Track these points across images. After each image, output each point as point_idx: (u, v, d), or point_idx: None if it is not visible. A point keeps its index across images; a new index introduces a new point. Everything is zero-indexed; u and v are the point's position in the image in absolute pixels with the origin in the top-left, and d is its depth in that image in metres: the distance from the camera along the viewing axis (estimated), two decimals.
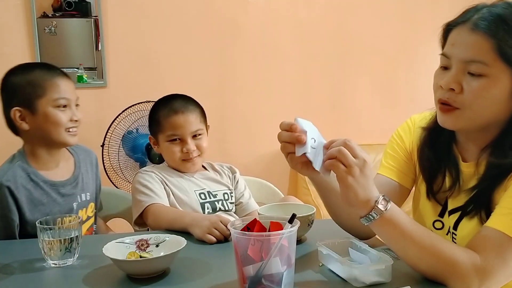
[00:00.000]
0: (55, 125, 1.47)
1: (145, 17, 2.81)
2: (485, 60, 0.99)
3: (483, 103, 1.01)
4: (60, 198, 1.50)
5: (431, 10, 3.13)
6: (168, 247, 1.13)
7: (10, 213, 1.40)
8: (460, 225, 1.13)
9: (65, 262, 1.16)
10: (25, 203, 1.43)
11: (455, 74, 1.02)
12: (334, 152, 0.95)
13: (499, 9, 1.01)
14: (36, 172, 1.47)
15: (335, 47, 3.10)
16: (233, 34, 2.95)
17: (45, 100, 1.46)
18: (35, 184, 1.46)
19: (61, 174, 1.55)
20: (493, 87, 1.00)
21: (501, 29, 0.98)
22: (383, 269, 1.01)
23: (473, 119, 1.04)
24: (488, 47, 0.98)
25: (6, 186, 1.39)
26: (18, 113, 1.46)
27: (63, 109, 1.48)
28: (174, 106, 1.67)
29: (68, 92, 1.50)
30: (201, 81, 2.89)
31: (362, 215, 0.98)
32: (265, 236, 0.92)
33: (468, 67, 1.01)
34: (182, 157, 1.66)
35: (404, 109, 3.21)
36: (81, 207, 1.58)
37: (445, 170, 1.16)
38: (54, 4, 2.67)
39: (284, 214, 1.16)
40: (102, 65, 2.77)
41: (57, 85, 1.48)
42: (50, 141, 1.49)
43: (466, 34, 1.01)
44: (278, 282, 0.93)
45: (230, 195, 1.70)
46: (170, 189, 1.61)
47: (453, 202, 1.15)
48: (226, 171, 1.79)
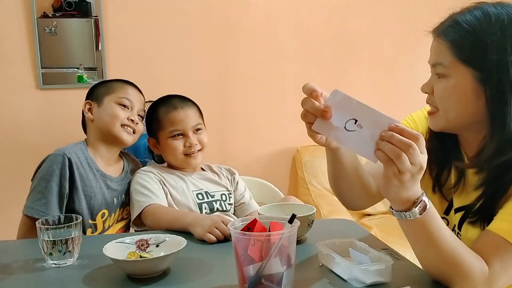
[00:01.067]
0: (113, 117, 1.61)
1: (145, 17, 2.81)
2: (443, 62, 1.06)
3: (449, 102, 1.07)
4: (106, 189, 1.61)
5: (431, 10, 3.12)
6: (168, 247, 1.14)
7: (65, 182, 1.52)
8: (464, 226, 1.14)
9: (65, 262, 1.16)
10: (79, 178, 1.54)
11: (429, 79, 1.12)
12: (390, 153, 0.87)
13: (459, 15, 1.07)
14: (92, 160, 1.61)
15: (335, 47, 3.10)
16: (233, 34, 2.95)
17: (112, 97, 1.64)
18: (90, 168, 1.59)
19: (112, 171, 1.65)
20: (455, 86, 1.05)
21: (456, 33, 1.05)
22: (383, 269, 1.01)
23: (448, 119, 1.08)
24: (446, 50, 1.06)
25: (68, 158, 1.52)
26: (88, 105, 1.67)
27: (122, 108, 1.63)
28: (172, 103, 1.70)
29: (133, 96, 1.66)
30: (201, 81, 2.89)
31: (395, 209, 0.95)
32: (265, 236, 0.92)
33: (436, 70, 1.09)
34: (185, 152, 1.66)
35: (404, 109, 3.18)
36: (120, 206, 1.65)
37: (451, 166, 1.17)
38: (54, 4, 2.67)
39: (284, 214, 1.16)
40: (102, 65, 2.76)
41: (125, 88, 1.67)
42: (106, 133, 1.62)
43: (433, 42, 1.11)
44: (278, 282, 0.93)
45: (228, 196, 1.70)
46: (168, 189, 1.62)
47: (458, 200, 1.16)
48: (224, 172, 1.79)
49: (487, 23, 1.02)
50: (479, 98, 1.03)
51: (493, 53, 1.00)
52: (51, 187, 1.50)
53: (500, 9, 1.03)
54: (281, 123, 3.05)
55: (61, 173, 1.51)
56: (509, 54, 1.00)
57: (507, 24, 1.01)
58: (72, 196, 1.54)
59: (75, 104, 1.63)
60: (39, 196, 1.50)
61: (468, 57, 1.03)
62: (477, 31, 1.02)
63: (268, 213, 1.29)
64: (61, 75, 2.75)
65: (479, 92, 1.03)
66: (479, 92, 1.03)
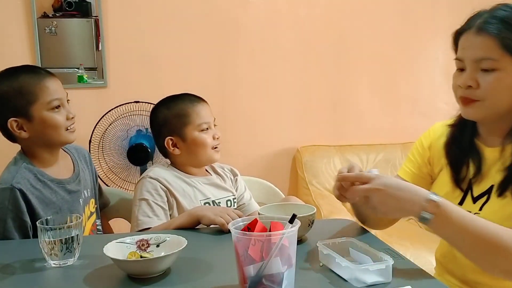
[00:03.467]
0: (55, 127, 1.46)
1: (145, 17, 2.81)
2: (493, 56, 1.13)
3: (499, 93, 1.15)
4: (67, 196, 1.51)
5: (431, 10, 3.13)
6: (168, 247, 1.13)
7: (23, 215, 1.40)
8: (486, 206, 1.21)
9: (66, 262, 1.16)
10: (37, 203, 1.42)
11: (470, 73, 1.17)
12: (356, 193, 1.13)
13: (498, 11, 1.16)
14: (41, 172, 1.47)
15: (336, 47, 3.09)
16: (233, 34, 2.94)
17: (38, 105, 1.44)
18: (43, 183, 1.46)
19: (63, 172, 1.55)
20: (505, 78, 1.14)
21: (503, 28, 1.13)
22: (383, 269, 1.01)
23: (492, 108, 1.17)
24: (494, 45, 1.13)
25: (18, 189, 1.39)
26: (15, 123, 1.44)
27: (57, 110, 1.47)
28: (192, 98, 1.69)
29: (58, 92, 1.48)
30: (201, 81, 2.89)
31: (416, 219, 1.07)
32: (266, 236, 0.92)
33: (480, 65, 1.15)
34: (214, 145, 1.66)
35: (404, 109, 3.21)
36: (86, 203, 1.59)
37: (469, 161, 1.26)
38: (54, 4, 2.67)
39: (284, 214, 1.16)
40: (102, 65, 2.76)
41: (46, 88, 1.45)
42: (51, 143, 1.49)
43: (473, 37, 1.16)
44: (278, 282, 0.93)
45: (233, 201, 1.70)
46: (174, 200, 1.59)
47: (478, 188, 1.24)
48: (228, 173, 1.78)
49: None
50: None
51: None
52: (8, 225, 1.38)
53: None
54: (281, 123, 3.05)
55: (15, 207, 1.38)
56: None
57: None
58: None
59: (75, 104, 1.60)
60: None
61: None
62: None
63: (268, 213, 1.28)
64: (61, 75, 2.70)
65: None
66: None
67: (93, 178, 1.70)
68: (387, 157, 3.07)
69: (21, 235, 1.40)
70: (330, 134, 3.12)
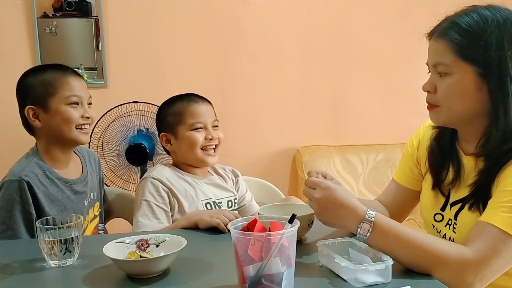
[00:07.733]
0: (67, 121, 1.50)
1: (145, 17, 2.81)
2: (445, 61, 1.15)
3: (453, 97, 1.16)
4: (73, 196, 1.54)
5: (431, 10, 3.12)
6: (168, 247, 1.13)
7: (29, 207, 1.42)
8: (460, 215, 1.21)
9: (65, 262, 1.16)
10: (43, 198, 1.45)
11: (430, 78, 1.21)
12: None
13: (461, 17, 1.16)
14: (51, 169, 1.51)
15: (336, 47, 3.09)
16: (233, 34, 2.94)
17: (57, 98, 1.50)
18: (51, 181, 1.49)
19: (72, 173, 1.58)
20: (458, 83, 1.15)
21: (460, 34, 1.14)
22: (383, 269, 1.01)
23: (450, 113, 1.18)
24: (448, 50, 1.15)
25: (26, 181, 1.42)
26: (32, 111, 1.50)
27: (75, 106, 1.51)
28: (192, 98, 1.72)
29: (79, 90, 1.53)
30: (202, 81, 2.89)
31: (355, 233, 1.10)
32: (265, 236, 0.92)
33: (437, 69, 1.18)
34: (204, 145, 1.66)
35: (404, 109, 3.21)
36: (90, 206, 1.61)
37: (449, 165, 1.27)
38: (54, 4, 2.67)
39: (284, 214, 1.16)
40: (102, 65, 2.76)
41: (68, 83, 1.51)
42: (62, 138, 1.52)
43: (434, 43, 1.20)
44: (278, 282, 0.93)
45: (234, 202, 1.71)
46: (176, 201, 1.60)
47: (455, 194, 1.24)
48: (229, 174, 1.79)
49: (484, 24, 1.12)
50: (481, 92, 1.13)
51: (493, 50, 1.11)
52: (15, 216, 1.40)
53: (494, 11, 1.14)
54: (281, 123, 3.04)
55: (22, 199, 1.41)
56: (507, 50, 1.11)
57: (503, 24, 1.12)
58: (45, 216, 1.42)
59: None
60: (3, 227, 1.41)
61: (470, 54, 1.13)
62: (477, 30, 1.12)
63: (268, 213, 1.28)
64: None
65: (481, 86, 1.13)
66: (481, 86, 1.13)
67: (100, 182, 1.72)
68: (387, 157, 3.07)
69: (26, 227, 1.42)
70: (330, 134, 3.12)
